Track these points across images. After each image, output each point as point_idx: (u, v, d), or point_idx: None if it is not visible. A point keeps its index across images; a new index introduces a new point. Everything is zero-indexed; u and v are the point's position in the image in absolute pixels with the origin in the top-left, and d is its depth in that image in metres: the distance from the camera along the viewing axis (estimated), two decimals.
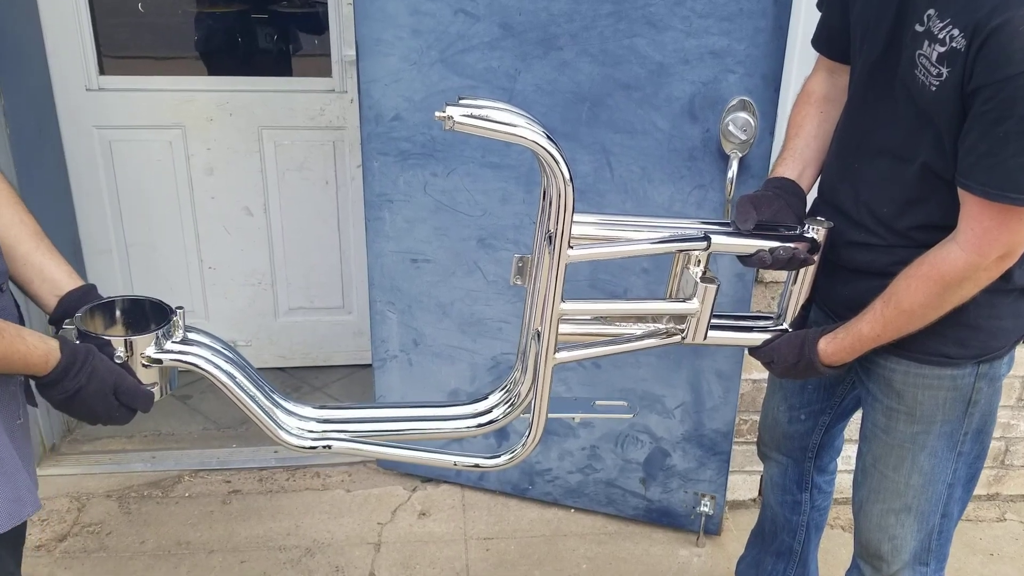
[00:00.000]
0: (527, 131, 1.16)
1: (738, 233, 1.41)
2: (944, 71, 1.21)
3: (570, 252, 1.28)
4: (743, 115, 1.95)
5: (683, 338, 1.44)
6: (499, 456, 1.44)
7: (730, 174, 1.98)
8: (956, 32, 1.19)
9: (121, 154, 2.79)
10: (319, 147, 2.84)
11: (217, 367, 1.29)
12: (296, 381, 3.11)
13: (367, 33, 2.06)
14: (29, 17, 2.57)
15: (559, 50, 2.00)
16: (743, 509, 2.59)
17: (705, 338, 1.44)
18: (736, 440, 2.43)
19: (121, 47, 2.84)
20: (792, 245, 1.41)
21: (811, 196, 1.59)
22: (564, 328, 1.35)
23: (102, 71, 2.72)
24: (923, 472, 1.49)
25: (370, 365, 2.58)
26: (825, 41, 1.56)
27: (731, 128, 1.96)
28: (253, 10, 3.01)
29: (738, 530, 2.47)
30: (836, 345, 1.43)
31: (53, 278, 1.25)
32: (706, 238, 1.38)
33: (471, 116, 1.13)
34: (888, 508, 1.54)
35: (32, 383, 1.17)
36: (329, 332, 3.11)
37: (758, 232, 1.41)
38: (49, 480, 2.57)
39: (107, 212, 2.85)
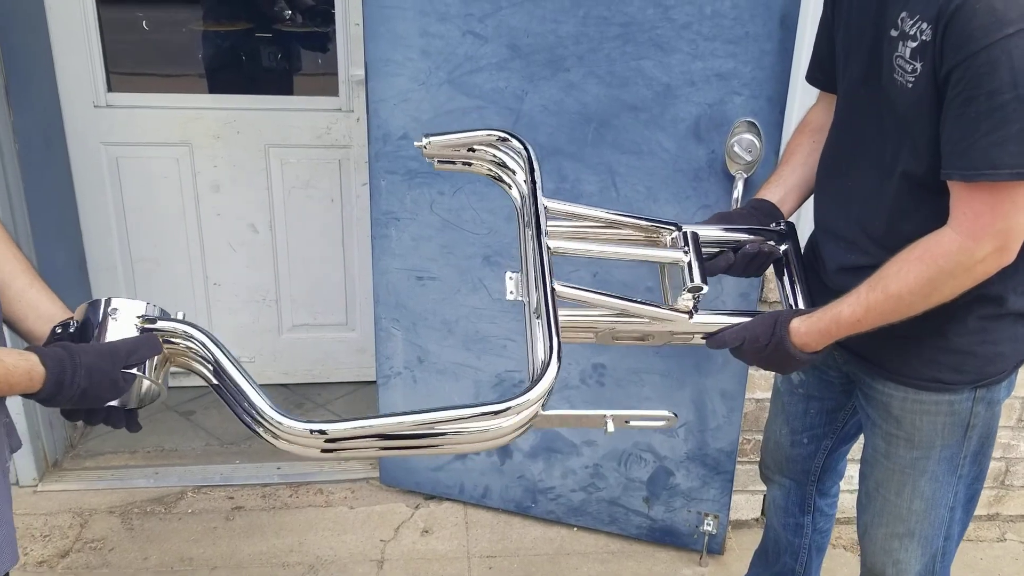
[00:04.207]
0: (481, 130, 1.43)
1: (707, 225, 1.50)
2: (918, 66, 1.24)
3: (547, 202, 1.38)
4: (748, 136, 1.97)
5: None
6: (523, 394, 1.15)
7: (735, 194, 1.99)
8: (924, 25, 1.22)
9: (128, 170, 2.81)
10: (325, 165, 2.86)
11: (213, 340, 1.19)
12: (299, 398, 3.12)
13: (376, 53, 2.09)
14: (39, 34, 2.59)
15: (566, 71, 2.02)
16: (746, 528, 2.60)
17: (705, 281, 1.37)
18: (739, 459, 2.43)
19: (128, 64, 2.86)
20: (756, 239, 1.48)
21: (806, 228, 1.62)
22: (561, 289, 1.30)
23: (110, 88, 2.74)
24: (924, 497, 1.49)
25: (373, 382, 2.59)
26: (817, 73, 1.59)
27: (736, 149, 1.98)
28: (258, 29, 3.03)
29: (741, 549, 2.48)
30: (810, 325, 1.36)
31: (48, 313, 1.23)
32: (677, 225, 1.45)
33: (439, 135, 1.42)
34: (891, 532, 1.55)
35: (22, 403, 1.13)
36: (332, 349, 3.12)
37: (727, 227, 1.49)
38: (51, 496, 2.57)
39: (113, 228, 2.86)
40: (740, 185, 1.99)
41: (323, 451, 1.14)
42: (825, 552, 1.97)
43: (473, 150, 1.49)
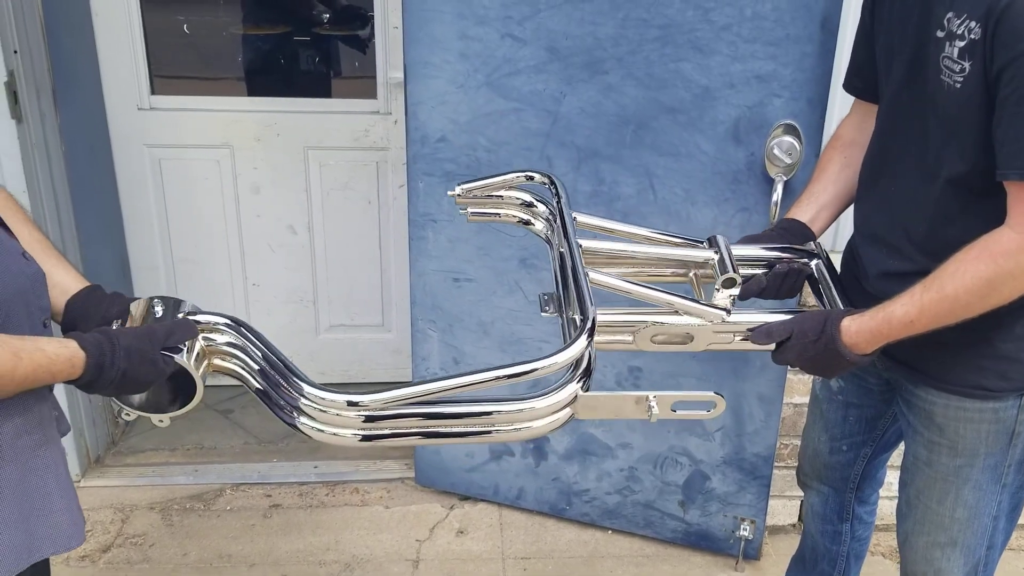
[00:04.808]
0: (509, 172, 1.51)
1: (737, 243, 1.49)
2: (967, 65, 1.22)
3: (578, 216, 1.42)
4: (788, 139, 1.96)
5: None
6: (550, 356, 1.16)
7: (775, 197, 1.98)
8: (973, 24, 1.21)
9: (170, 172, 2.85)
10: (363, 167, 2.88)
11: (250, 328, 1.22)
12: None
13: (415, 56, 2.10)
14: (85, 38, 2.64)
15: (604, 74, 2.02)
16: (783, 534, 2.57)
17: (737, 274, 1.34)
18: (776, 464, 2.41)
19: (171, 68, 2.90)
20: (786, 257, 1.48)
21: (846, 233, 1.60)
22: (596, 276, 1.30)
23: (153, 91, 2.78)
24: (968, 506, 1.47)
25: (409, 383, 2.60)
26: (856, 80, 1.57)
27: (776, 152, 1.97)
28: (297, 32, 3.07)
29: (777, 555, 2.46)
30: (861, 325, 1.31)
31: (63, 284, 1.27)
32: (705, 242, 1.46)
33: (470, 182, 1.49)
34: (933, 541, 1.52)
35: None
36: (368, 349, 3.14)
37: (762, 245, 1.49)
38: (93, 491, 2.61)
39: (155, 228, 2.91)
40: (779, 188, 1.98)
41: (363, 439, 1.13)
42: (864, 559, 1.95)
43: (500, 196, 1.52)
